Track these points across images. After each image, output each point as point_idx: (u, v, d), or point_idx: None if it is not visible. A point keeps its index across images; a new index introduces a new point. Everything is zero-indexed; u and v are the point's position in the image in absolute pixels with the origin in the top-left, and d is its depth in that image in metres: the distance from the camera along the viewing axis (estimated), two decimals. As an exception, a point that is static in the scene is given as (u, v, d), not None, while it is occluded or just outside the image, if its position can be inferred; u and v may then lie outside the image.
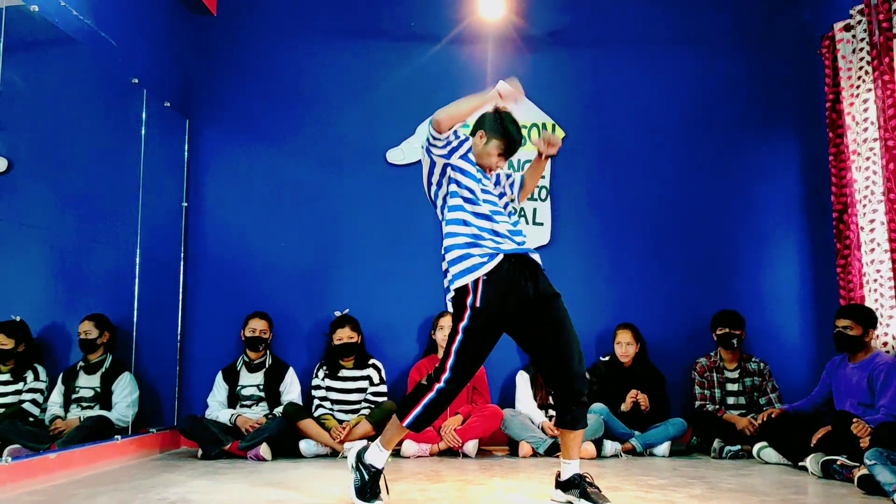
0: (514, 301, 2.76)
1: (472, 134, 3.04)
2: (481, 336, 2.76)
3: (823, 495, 3.17)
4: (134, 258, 4.49)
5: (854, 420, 3.61)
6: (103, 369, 4.33)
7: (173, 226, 4.98)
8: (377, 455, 2.83)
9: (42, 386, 4.10)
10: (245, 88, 5.21)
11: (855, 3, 4.39)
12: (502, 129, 2.94)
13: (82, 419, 4.14)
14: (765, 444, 4.14)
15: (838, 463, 3.52)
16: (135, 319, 4.49)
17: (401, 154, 5.15)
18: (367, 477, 2.81)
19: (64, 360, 4.29)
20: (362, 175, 5.14)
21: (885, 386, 3.84)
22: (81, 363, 4.31)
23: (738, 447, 4.32)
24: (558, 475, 2.90)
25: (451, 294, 2.81)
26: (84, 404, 4.25)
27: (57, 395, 4.19)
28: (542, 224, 5.09)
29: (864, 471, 3.17)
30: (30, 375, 4.04)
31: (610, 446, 4.34)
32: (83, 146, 4.21)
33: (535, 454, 4.38)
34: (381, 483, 2.85)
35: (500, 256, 2.78)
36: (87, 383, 4.29)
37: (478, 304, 2.73)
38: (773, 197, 5.08)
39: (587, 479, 2.83)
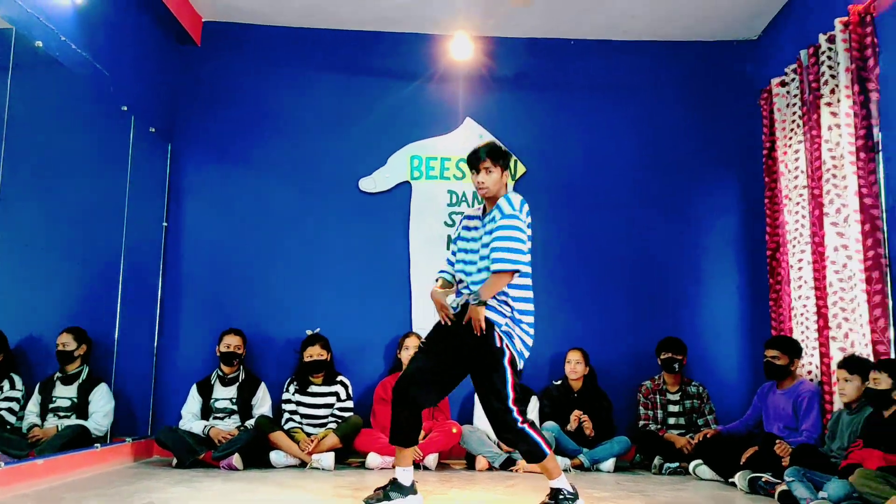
0: (437, 337, 3.30)
1: None
2: (418, 353, 3.34)
3: (747, 508, 3.55)
4: (117, 275, 4.70)
5: (777, 441, 4.01)
6: (80, 380, 4.50)
7: (153, 244, 5.20)
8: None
9: (18, 395, 4.26)
10: (226, 115, 5.47)
11: (790, 62, 4.84)
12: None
13: (60, 428, 4.31)
14: (700, 461, 4.49)
15: (763, 480, 3.88)
16: (116, 333, 4.69)
17: (373, 183, 5.45)
18: None
19: (40, 370, 4.45)
20: (336, 201, 5.43)
21: (807, 411, 4.26)
22: (59, 374, 4.47)
23: (677, 464, 4.68)
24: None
25: None
26: (61, 414, 4.41)
27: (34, 405, 4.35)
28: (502, 252, 5.42)
29: (784, 487, 3.54)
30: (6, 384, 4.19)
31: (560, 461, 4.66)
32: (74, 168, 4.44)
33: (490, 468, 4.68)
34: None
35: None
36: (65, 393, 4.45)
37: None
38: (714, 235, 5.50)
39: (563, 492, 3.19)
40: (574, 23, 5.45)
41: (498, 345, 3.16)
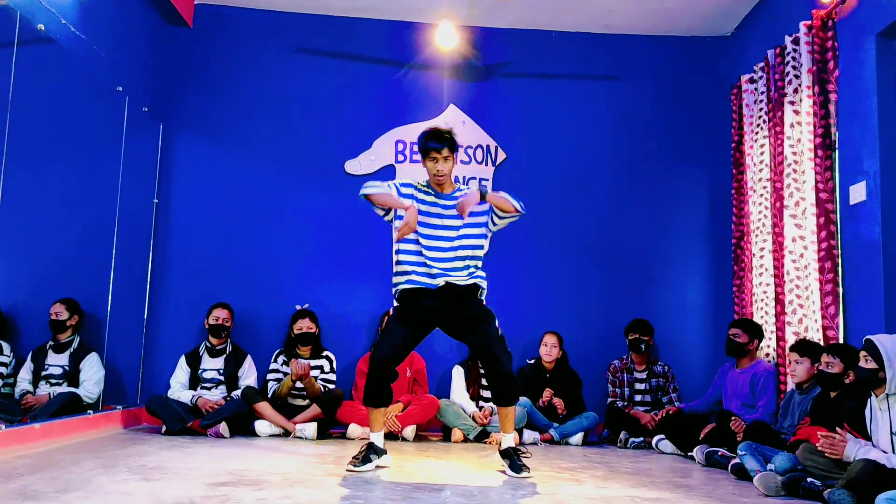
0: (417, 309, 3.60)
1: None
2: (392, 325, 3.63)
3: (702, 479, 3.79)
4: (110, 249, 4.87)
5: (732, 418, 4.29)
6: (72, 349, 4.69)
7: (144, 220, 5.36)
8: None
9: (6, 360, 4.45)
10: (216, 96, 5.62)
11: (759, 61, 5.07)
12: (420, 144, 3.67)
13: (52, 395, 4.50)
14: (662, 436, 4.77)
15: (719, 454, 4.15)
16: (108, 305, 4.86)
17: (358, 166, 5.64)
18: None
19: (29, 339, 4.61)
20: (322, 182, 5.61)
21: (764, 390, 4.54)
22: (51, 343, 4.66)
23: (641, 439, 4.95)
24: (499, 444, 3.64)
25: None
26: (53, 381, 4.60)
27: (26, 372, 4.54)
28: (482, 235, 5.64)
29: (737, 460, 3.82)
30: (-5, 351, 4.37)
31: (529, 435, 4.91)
32: (70, 145, 4.60)
33: (465, 440, 4.93)
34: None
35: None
36: (57, 361, 4.64)
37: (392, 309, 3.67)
38: (684, 222, 5.75)
39: (520, 451, 3.57)
40: (556, 16, 5.64)
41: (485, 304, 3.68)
